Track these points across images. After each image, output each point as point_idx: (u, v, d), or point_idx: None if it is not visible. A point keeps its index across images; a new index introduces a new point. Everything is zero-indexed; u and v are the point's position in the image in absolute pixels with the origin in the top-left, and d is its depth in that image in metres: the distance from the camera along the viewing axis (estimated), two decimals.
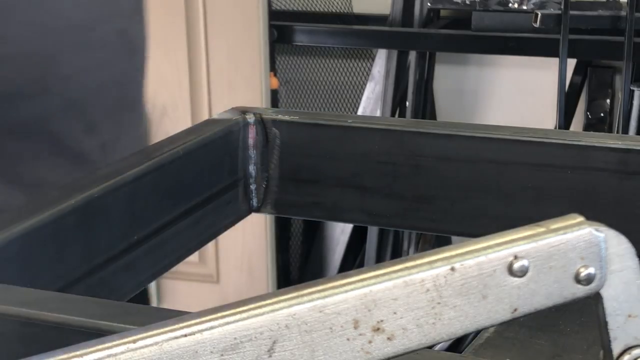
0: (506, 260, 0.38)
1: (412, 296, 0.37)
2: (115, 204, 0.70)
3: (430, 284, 0.37)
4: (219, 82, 2.27)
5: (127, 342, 0.34)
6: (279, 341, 0.35)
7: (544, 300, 0.38)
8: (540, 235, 0.38)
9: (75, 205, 0.67)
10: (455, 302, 0.37)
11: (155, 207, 0.70)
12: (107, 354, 0.34)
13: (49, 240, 0.65)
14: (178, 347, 0.34)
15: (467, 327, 0.38)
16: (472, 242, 0.38)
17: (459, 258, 0.37)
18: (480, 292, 0.37)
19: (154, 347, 0.34)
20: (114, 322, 0.48)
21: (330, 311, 0.36)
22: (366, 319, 0.36)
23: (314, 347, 0.36)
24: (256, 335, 0.35)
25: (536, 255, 0.38)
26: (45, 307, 0.50)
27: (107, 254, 0.70)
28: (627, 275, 0.39)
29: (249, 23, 2.22)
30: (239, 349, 0.35)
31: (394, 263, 0.37)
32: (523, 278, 0.38)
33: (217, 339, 0.35)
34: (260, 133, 0.84)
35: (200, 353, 0.34)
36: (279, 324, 0.35)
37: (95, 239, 0.67)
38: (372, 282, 0.36)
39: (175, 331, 0.34)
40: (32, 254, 0.64)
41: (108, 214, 0.67)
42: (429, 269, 0.37)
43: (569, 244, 0.38)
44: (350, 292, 0.36)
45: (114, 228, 0.70)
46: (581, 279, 0.38)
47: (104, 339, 0.34)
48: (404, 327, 0.37)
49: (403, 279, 0.37)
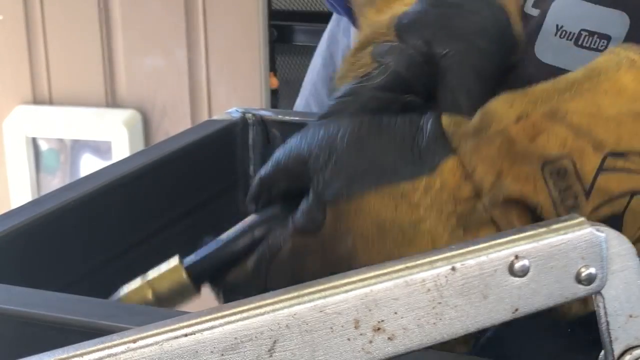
0: (507, 260, 0.38)
1: (413, 296, 0.37)
2: (115, 204, 0.70)
3: (431, 284, 0.37)
4: (219, 82, 2.27)
5: (127, 342, 0.34)
6: (279, 341, 0.35)
7: (545, 300, 0.38)
8: (541, 235, 0.38)
9: (75, 205, 0.67)
10: (456, 302, 0.37)
11: (155, 207, 0.70)
12: (107, 353, 0.34)
13: (49, 240, 0.65)
14: (178, 347, 0.34)
15: (468, 327, 0.38)
16: (473, 242, 0.38)
17: (459, 258, 0.37)
18: (481, 292, 0.37)
19: (154, 347, 0.34)
20: (114, 322, 0.48)
21: (330, 311, 0.36)
22: (367, 318, 0.36)
23: (314, 347, 0.36)
24: (257, 335, 0.35)
25: (537, 255, 0.38)
26: (45, 307, 0.50)
27: (107, 254, 0.70)
28: (628, 276, 0.39)
29: (249, 23, 2.22)
30: (239, 348, 0.35)
31: (394, 263, 0.37)
32: (524, 278, 0.38)
33: (217, 339, 0.35)
34: (260, 133, 0.84)
35: (201, 353, 0.34)
36: (280, 324, 0.35)
37: (95, 239, 0.67)
38: (373, 281, 0.36)
39: (176, 331, 0.34)
40: (32, 254, 0.64)
41: (108, 214, 0.67)
42: (429, 269, 0.37)
43: (570, 244, 0.38)
44: (350, 292, 0.36)
45: (114, 228, 0.70)
46: (582, 279, 0.38)
47: (104, 339, 0.34)
48: (405, 327, 0.37)
49: (404, 278, 0.37)
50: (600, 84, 0.51)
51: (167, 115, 2.33)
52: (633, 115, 0.50)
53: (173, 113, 2.33)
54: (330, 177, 0.54)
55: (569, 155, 0.50)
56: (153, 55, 2.31)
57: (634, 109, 0.50)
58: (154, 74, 2.32)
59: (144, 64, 2.32)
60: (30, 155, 2.44)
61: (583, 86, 0.52)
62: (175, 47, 2.28)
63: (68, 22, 2.35)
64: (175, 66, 2.30)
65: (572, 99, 0.51)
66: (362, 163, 0.53)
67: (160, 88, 2.32)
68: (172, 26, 2.27)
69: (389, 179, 0.53)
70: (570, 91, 0.52)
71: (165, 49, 2.29)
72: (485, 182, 0.51)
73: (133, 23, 2.30)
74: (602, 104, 0.51)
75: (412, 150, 0.53)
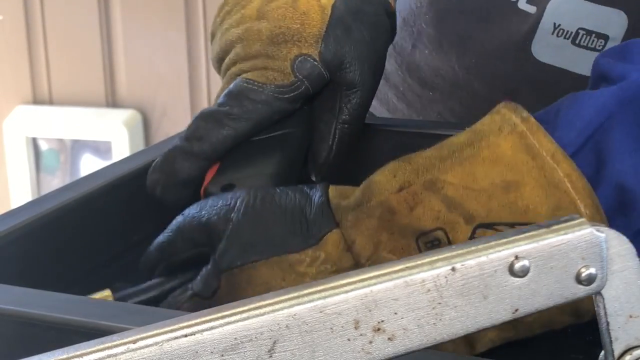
0: (507, 260, 0.38)
1: (413, 296, 0.37)
2: (115, 204, 0.70)
3: (431, 284, 0.37)
4: (219, 82, 2.27)
5: (127, 342, 0.34)
6: (279, 341, 0.35)
7: (545, 300, 0.38)
8: (541, 236, 0.38)
9: (75, 205, 0.67)
10: (456, 302, 0.37)
11: (155, 207, 0.70)
12: (107, 354, 0.34)
13: (49, 240, 0.65)
14: (178, 347, 0.34)
15: (468, 328, 0.38)
16: (472, 242, 0.38)
17: (459, 258, 0.37)
18: (481, 292, 0.37)
19: (154, 347, 0.34)
20: (114, 322, 0.48)
21: (330, 311, 0.36)
22: (367, 319, 0.36)
23: (314, 348, 0.36)
24: (256, 335, 0.35)
25: (537, 256, 0.38)
26: (45, 307, 0.50)
27: (107, 254, 0.70)
28: (628, 276, 0.39)
29: None
30: (239, 349, 0.35)
31: (394, 263, 0.37)
32: (524, 278, 0.38)
33: (217, 339, 0.35)
34: None
35: (201, 353, 0.34)
36: (280, 324, 0.35)
37: (95, 239, 0.67)
38: (373, 282, 0.36)
39: (176, 331, 0.34)
40: (32, 254, 0.64)
41: (108, 214, 0.67)
42: (429, 269, 0.37)
43: (570, 244, 0.38)
44: (350, 292, 0.36)
45: (114, 228, 0.70)
46: (582, 279, 0.38)
47: (104, 339, 0.34)
48: (405, 327, 0.37)
49: (404, 279, 0.37)
50: (481, 151, 0.53)
51: (167, 115, 2.33)
52: (504, 187, 0.52)
53: (173, 113, 2.33)
54: (226, 246, 0.57)
55: (442, 227, 0.53)
56: (153, 55, 2.31)
57: (507, 178, 0.52)
58: (154, 74, 2.32)
59: (144, 64, 2.32)
60: (30, 155, 2.44)
61: (464, 153, 0.54)
62: (175, 47, 2.28)
63: (68, 22, 2.35)
64: (175, 66, 2.30)
65: (452, 168, 0.53)
66: (255, 234, 0.57)
67: (160, 88, 2.32)
68: (173, 26, 2.27)
69: (279, 250, 0.56)
70: (451, 159, 0.54)
71: (165, 49, 2.29)
72: (363, 256, 0.55)
73: (133, 23, 2.30)
74: (477, 174, 0.53)
75: (301, 223, 0.57)
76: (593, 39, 0.78)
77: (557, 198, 0.51)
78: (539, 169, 0.52)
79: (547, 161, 0.52)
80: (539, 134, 0.52)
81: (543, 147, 0.52)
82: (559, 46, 0.78)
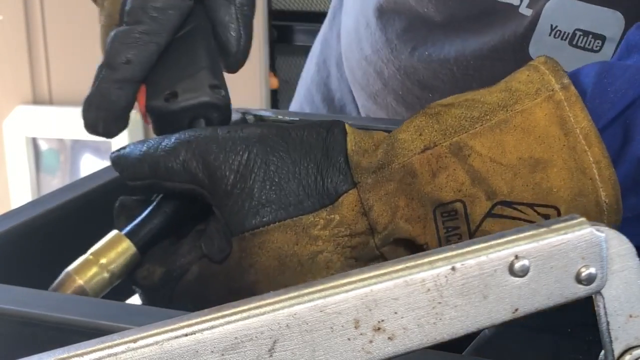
0: (507, 260, 0.38)
1: (413, 296, 0.37)
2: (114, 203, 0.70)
3: (431, 284, 0.37)
4: None
5: (127, 341, 0.34)
6: (279, 341, 0.35)
7: (545, 300, 0.38)
8: (541, 235, 0.38)
9: (75, 205, 0.67)
10: (456, 302, 0.37)
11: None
12: (107, 353, 0.34)
13: (49, 240, 0.65)
14: (179, 347, 0.34)
15: (468, 327, 0.38)
16: (472, 241, 0.38)
17: (459, 258, 0.37)
18: (481, 292, 0.37)
19: (154, 346, 0.34)
20: (114, 322, 0.48)
21: (331, 311, 0.36)
22: (367, 318, 0.36)
23: (314, 347, 0.36)
24: (257, 334, 0.35)
25: (537, 255, 0.38)
26: (45, 307, 0.50)
27: None
28: (628, 276, 0.39)
29: None
30: (239, 348, 0.35)
31: (394, 262, 0.37)
32: (524, 278, 0.38)
33: (217, 339, 0.35)
34: None
35: (201, 353, 0.34)
36: (280, 324, 0.35)
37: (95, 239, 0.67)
38: (373, 281, 0.36)
39: (176, 331, 0.34)
40: (32, 254, 0.64)
41: (108, 214, 0.67)
42: (429, 269, 0.37)
43: (569, 244, 0.38)
44: (350, 291, 0.36)
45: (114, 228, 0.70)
46: (582, 279, 0.38)
47: (104, 339, 0.34)
48: (405, 326, 0.37)
49: (404, 278, 0.37)
50: (514, 116, 0.52)
51: None
52: (531, 164, 0.51)
53: None
54: (239, 206, 0.55)
55: (462, 200, 0.52)
56: None
57: (535, 155, 0.51)
58: None
59: None
60: (30, 155, 2.44)
61: (496, 116, 0.52)
62: None
63: (68, 22, 2.35)
64: None
65: (481, 134, 0.52)
66: (269, 193, 0.55)
67: None
68: None
69: (293, 212, 0.55)
70: (481, 122, 0.52)
71: None
72: (379, 224, 0.54)
73: None
74: (506, 145, 0.52)
75: (316, 179, 0.55)
76: (590, 40, 0.78)
77: (582, 184, 0.51)
78: (570, 149, 0.51)
79: (580, 141, 0.51)
80: (576, 107, 0.51)
81: (578, 123, 0.51)
82: (556, 47, 0.78)
